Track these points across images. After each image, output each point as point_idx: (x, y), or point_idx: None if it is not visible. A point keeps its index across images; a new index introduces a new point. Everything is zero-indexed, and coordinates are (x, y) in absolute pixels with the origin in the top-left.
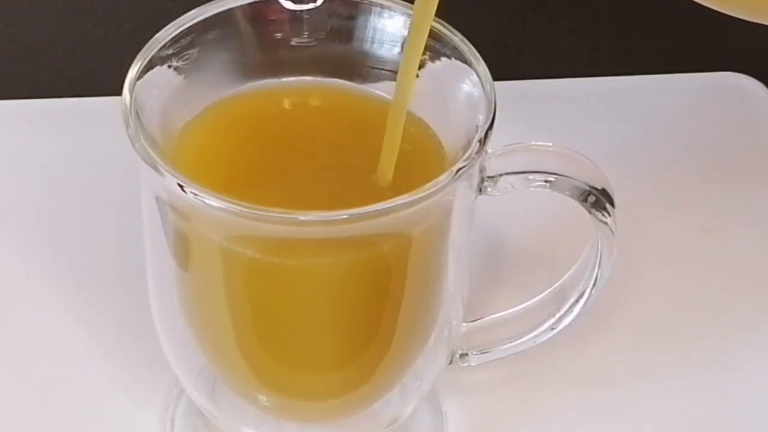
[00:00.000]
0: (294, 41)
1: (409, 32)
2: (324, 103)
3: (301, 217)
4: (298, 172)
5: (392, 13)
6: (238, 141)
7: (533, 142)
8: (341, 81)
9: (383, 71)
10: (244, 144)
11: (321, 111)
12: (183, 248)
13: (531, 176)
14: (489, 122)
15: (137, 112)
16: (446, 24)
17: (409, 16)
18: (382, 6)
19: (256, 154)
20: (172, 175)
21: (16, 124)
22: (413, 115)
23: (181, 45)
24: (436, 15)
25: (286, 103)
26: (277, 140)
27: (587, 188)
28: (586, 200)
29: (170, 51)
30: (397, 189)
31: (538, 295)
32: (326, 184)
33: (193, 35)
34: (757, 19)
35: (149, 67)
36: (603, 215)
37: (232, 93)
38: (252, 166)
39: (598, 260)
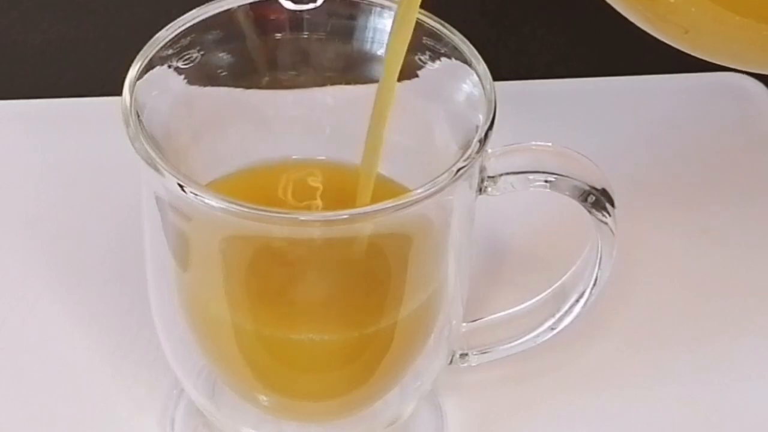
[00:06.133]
0: (294, 41)
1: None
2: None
3: (302, 217)
4: None
5: (392, 13)
6: None
7: (533, 142)
8: (344, 161)
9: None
10: None
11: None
12: (183, 248)
13: (531, 176)
14: (489, 122)
15: (137, 112)
16: (446, 24)
17: None
18: (382, 6)
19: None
20: (172, 174)
21: (16, 124)
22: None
23: (181, 45)
24: (436, 14)
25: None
26: None
27: (587, 188)
28: (586, 200)
29: (170, 51)
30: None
31: (538, 295)
32: None
33: (193, 35)
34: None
35: (149, 67)
36: (603, 215)
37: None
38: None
39: (598, 260)
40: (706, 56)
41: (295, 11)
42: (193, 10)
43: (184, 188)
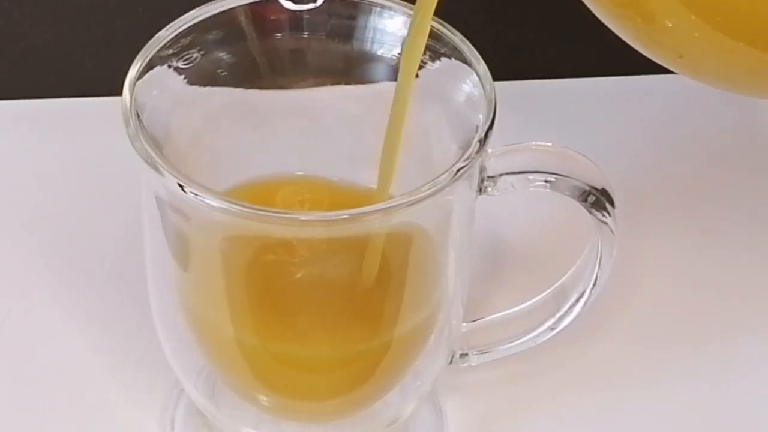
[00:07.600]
0: (294, 41)
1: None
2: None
3: (302, 217)
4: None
5: (392, 13)
6: None
7: (533, 142)
8: (346, 179)
9: (383, 71)
10: None
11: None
12: (183, 248)
13: (531, 176)
14: (489, 122)
15: (137, 112)
16: (446, 24)
17: (409, 16)
18: (382, 6)
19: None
20: (172, 174)
21: (16, 124)
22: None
23: (181, 45)
24: (436, 14)
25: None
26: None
27: (587, 188)
28: (586, 200)
29: (170, 51)
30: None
31: (538, 295)
32: None
33: (193, 35)
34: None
35: (149, 67)
36: (603, 215)
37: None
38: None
39: (598, 260)
40: (699, 79)
41: (295, 11)
42: (193, 10)
43: (184, 188)
